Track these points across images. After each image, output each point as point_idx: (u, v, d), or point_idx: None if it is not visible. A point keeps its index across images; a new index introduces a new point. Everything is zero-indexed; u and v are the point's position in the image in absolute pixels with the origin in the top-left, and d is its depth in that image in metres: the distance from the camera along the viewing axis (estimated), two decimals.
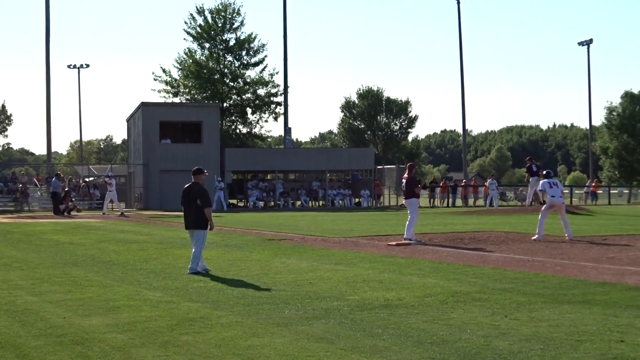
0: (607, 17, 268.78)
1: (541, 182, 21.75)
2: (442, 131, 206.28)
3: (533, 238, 20.09)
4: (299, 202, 52.01)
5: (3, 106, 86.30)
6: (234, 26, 61.64)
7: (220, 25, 61.21)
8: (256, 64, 62.53)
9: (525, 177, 42.47)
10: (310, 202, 52.53)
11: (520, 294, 10.99)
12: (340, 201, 52.49)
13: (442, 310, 9.75)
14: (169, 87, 61.92)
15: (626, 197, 65.91)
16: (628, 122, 77.99)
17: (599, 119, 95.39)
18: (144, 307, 10.19)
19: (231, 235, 22.96)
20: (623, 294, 10.83)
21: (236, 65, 62.15)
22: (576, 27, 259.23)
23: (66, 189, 40.17)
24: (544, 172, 22.67)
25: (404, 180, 20.68)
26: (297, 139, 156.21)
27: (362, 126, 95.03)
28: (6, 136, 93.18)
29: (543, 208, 20.85)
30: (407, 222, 19.90)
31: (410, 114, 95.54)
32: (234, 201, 51.50)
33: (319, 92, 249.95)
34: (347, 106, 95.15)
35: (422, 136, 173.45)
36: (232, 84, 62.07)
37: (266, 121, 65.54)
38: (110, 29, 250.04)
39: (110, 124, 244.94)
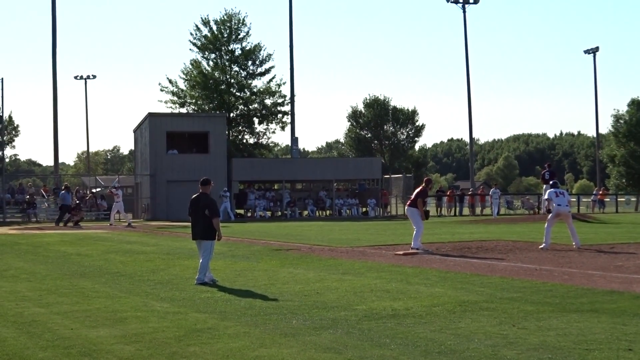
0: (613, 25, 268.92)
1: (547, 191, 21.81)
2: (449, 140, 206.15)
3: (540, 247, 20.06)
4: (306, 212, 51.97)
5: (10, 117, 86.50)
6: (239, 36, 61.71)
7: (225, 35, 61.31)
8: (263, 74, 62.62)
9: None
10: (317, 211, 52.50)
11: (527, 303, 10.97)
12: (348, 211, 52.45)
13: (449, 320, 9.74)
14: (175, 98, 61.97)
15: (634, 205, 65.66)
16: (635, 130, 77.85)
17: (605, 127, 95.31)
18: (151, 318, 10.20)
19: (238, 245, 22.96)
20: (631, 303, 10.80)
21: (242, 75, 62.20)
22: (582, 35, 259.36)
23: (77, 201, 40.31)
24: (551, 182, 22.76)
25: (416, 190, 20.73)
26: (304, 149, 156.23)
27: (369, 135, 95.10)
28: (13, 147, 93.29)
29: (549, 217, 20.83)
30: (414, 232, 19.90)
31: (417, 123, 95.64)
32: (241, 211, 51.50)
33: (326, 101, 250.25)
34: (354, 115, 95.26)
35: (429, 145, 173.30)
36: (239, 94, 62.08)
37: (273, 132, 65.64)
38: (117, 40, 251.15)
39: (117, 135, 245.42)
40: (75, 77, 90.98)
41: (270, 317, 10.17)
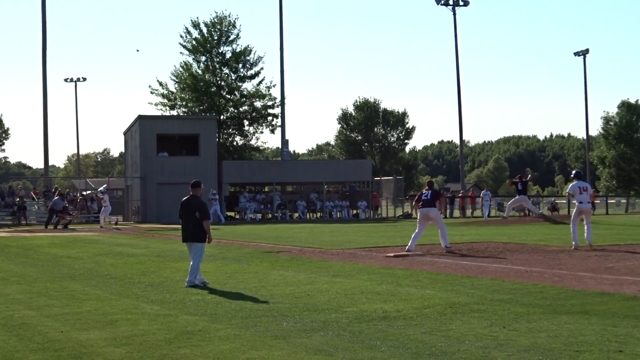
0: (603, 27, 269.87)
1: (571, 184, 21.04)
2: (439, 142, 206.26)
3: (572, 247, 20.08)
4: (296, 214, 51.98)
5: (0, 120, 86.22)
6: (229, 39, 61.64)
7: (216, 38, 61.25)
8: (253, 77, 62.55)
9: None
10: (308, 213, 52.51)
11: (518, 304, 10.99)
12: (338, 213, 52.47)
13: (440, 322, 9.74)
14: (165, 100, 61.83)
15: (624, 206, 65.96)
16: (625, 132, 78.21)
17: (595, 129, 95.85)
18: (141, 321, 10.17)
19: (229, 247, 22.95)
20: (621, 304, 10.82)
21: (233, 77, 62.17)
22: (572, 37, 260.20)
23: (65, 204, 40.19)
24: (574, 172, 21.40)
25: (427, 192, 20.69)
26: (294, 151, 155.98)
27: (359, 138, 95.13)
28: (3, 150, 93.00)
29: (573, 216, 20.58)
30: (441, 232, 20.45)
31: (407, 125, 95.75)
32: (231, 214, 51.47)
33: (316, 104, 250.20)
34: (344, 118, 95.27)
35: (419, 147, 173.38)
36: (229, 96, 62.04)
37: (262, 132, 65.47)
38: (107, 42, 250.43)
39: (107, 137, 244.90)
40: (66, 80, 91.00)
41: (261, 319, 10.16)
